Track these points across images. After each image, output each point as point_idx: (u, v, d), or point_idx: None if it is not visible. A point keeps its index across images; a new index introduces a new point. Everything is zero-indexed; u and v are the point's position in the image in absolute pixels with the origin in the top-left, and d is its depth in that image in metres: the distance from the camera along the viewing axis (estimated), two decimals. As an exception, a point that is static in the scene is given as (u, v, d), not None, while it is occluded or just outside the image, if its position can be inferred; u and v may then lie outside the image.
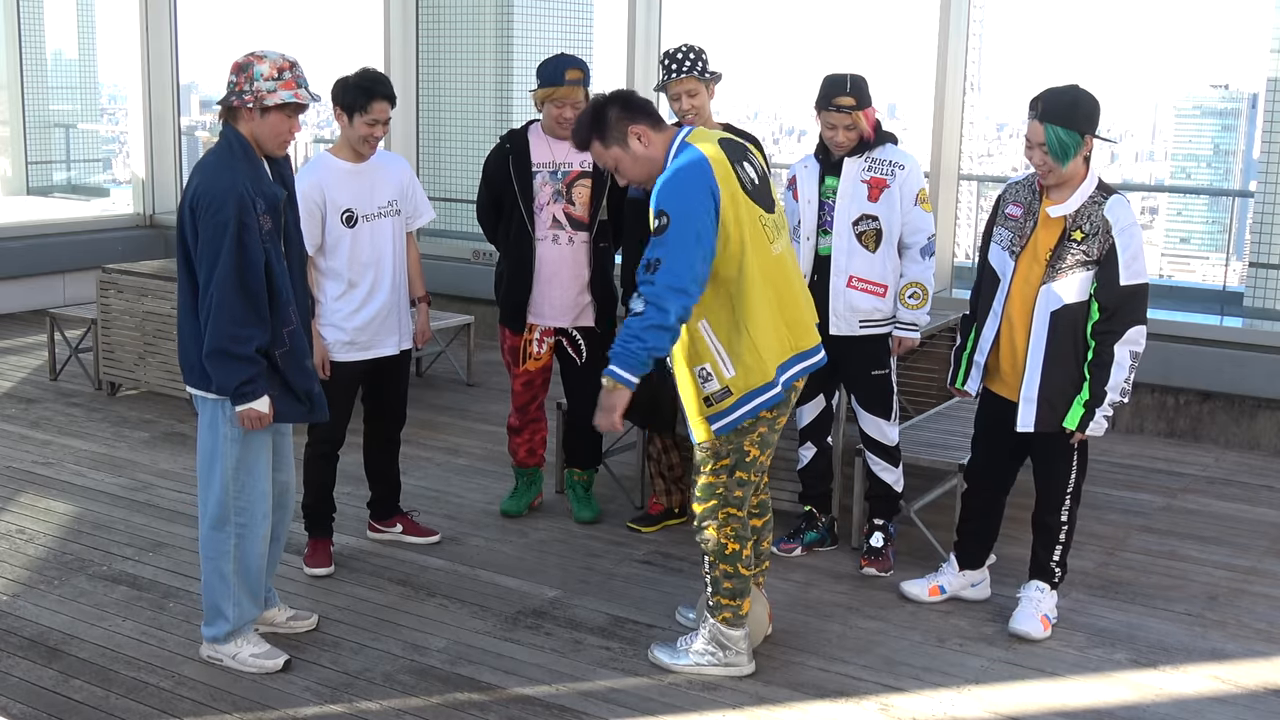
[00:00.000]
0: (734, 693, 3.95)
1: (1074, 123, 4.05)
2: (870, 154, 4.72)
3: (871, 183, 4.69)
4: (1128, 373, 4.10)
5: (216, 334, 3.74)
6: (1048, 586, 4.41)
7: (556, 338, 5.24)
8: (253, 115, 3.78)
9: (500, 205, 5.19)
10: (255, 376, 3.78)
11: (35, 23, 12.12)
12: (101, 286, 7.37)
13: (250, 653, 4.04)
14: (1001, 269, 4.28)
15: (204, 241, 3.73)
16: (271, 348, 3.83)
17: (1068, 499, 4.32)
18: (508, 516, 5.46)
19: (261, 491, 3.99)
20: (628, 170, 3.92)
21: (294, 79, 3.78)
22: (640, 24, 8.36)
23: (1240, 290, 7.73)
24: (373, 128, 4.63)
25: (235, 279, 3.71)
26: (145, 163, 10.53)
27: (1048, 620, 4.38)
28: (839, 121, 4.65)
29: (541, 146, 5.13)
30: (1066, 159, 4.06)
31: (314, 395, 4.00)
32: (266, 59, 3.77)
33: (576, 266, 5.15)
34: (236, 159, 3.78)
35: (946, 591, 4.63)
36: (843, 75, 4.66)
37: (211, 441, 3.94)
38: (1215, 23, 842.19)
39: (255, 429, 3.86)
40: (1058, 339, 4.14)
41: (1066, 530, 4.36)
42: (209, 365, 3.78)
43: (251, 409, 3.81)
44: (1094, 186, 4.13)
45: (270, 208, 3.80)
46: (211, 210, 3.71)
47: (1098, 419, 4.12)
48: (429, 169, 9.71)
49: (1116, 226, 4.06)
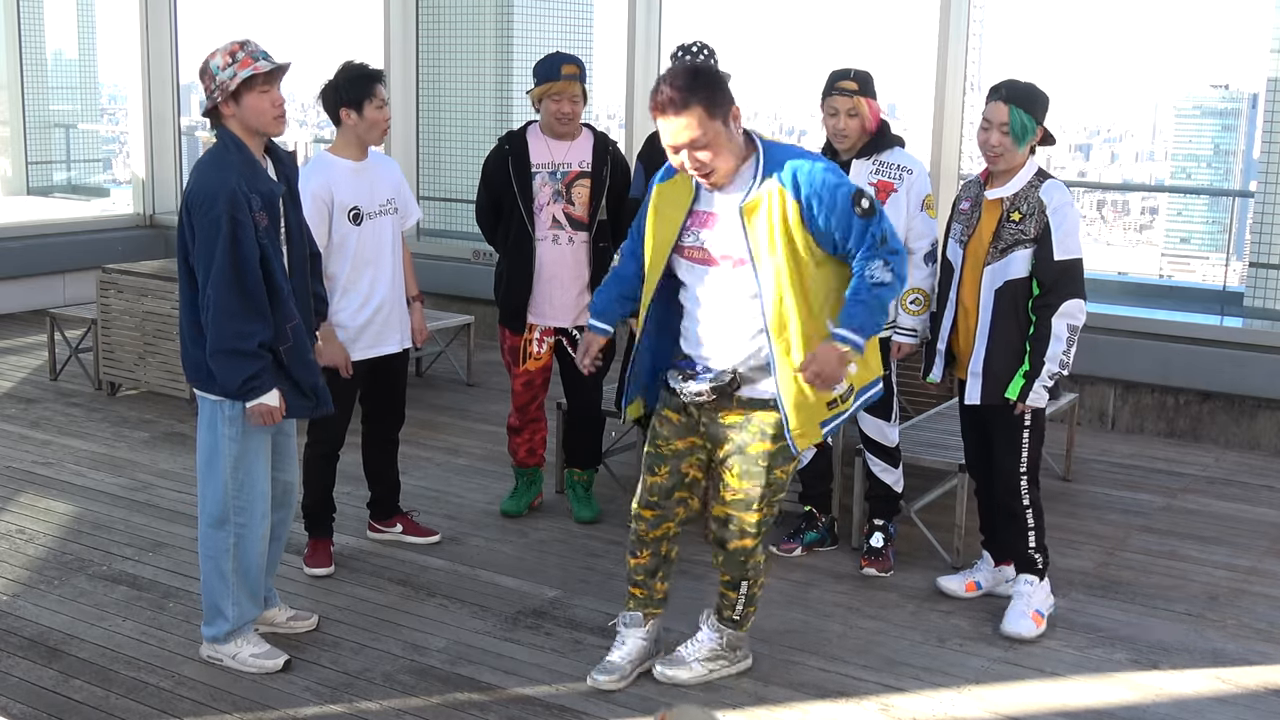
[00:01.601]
0: (734, 693, 3.95)
1: (1034, 110, 4.24)
2: (878, 156, 4.72)
3: (878, 186, 4.69)
4: (1065, 345, 4.23)
5: (219, 333, 3.74)
6: (1035, 578, 4.42)
7: (556, 337, 5.24)
8: (230, 107, 3.80)
9: (500, 206, 5.19)
10: (260, 371, 3.79)
11: (35, 23, 12.12)
12: (101, 286, 7.37)
13: (250, 653, 4.04)
14: (954, 259, 4.45)
15: (199, 240, 3.75)
16: (275, 343, 3.83)
17: (1023, 480, 4.39)
18: (508, 516, 5.46)
19: (261, 491, 3.99)
20: (717, 153, 3.56)
21: (248, 55, 3.79)
22: (640, 24, 8.36)
23: (1240, 290, 7.72)
24: (382, 111, 4.68)
25: (231, 275, 3.72)
26: (145, 163, 10.53)
27: (1040, 616, 4.39)
28: (841, 105, 4.68)
29: (540, 147, 5.13)
30: (1023, 142, 4.23)
31: (318, 389, 4.00)
32: (217, 52, 3.82)
33: (577, 266, 5.16)
34: (230, 157, 3.80)
35: (983, 587, 4.66)
36: (848, 66, 4.77)
37: (211, 440, 3.94)
38: (1215, 23, 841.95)
39: (268, 424, 3.86)
40: (1001, 315, 4.30)
41: (1033, 514, 4.40)
42: (214, 365, 3.79)
43: (261, 404, 3.81)
44: (1033, 173, 4.30)
45: (267, 204, 3.81)
46: (205, 208, 3.73)
47: (1037, 389, 4.25)
48: (429, 169, 9.70)
49: (1050, 206, 4.23)
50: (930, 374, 4.58)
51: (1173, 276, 42.81)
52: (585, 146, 5.17)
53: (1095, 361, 6.88)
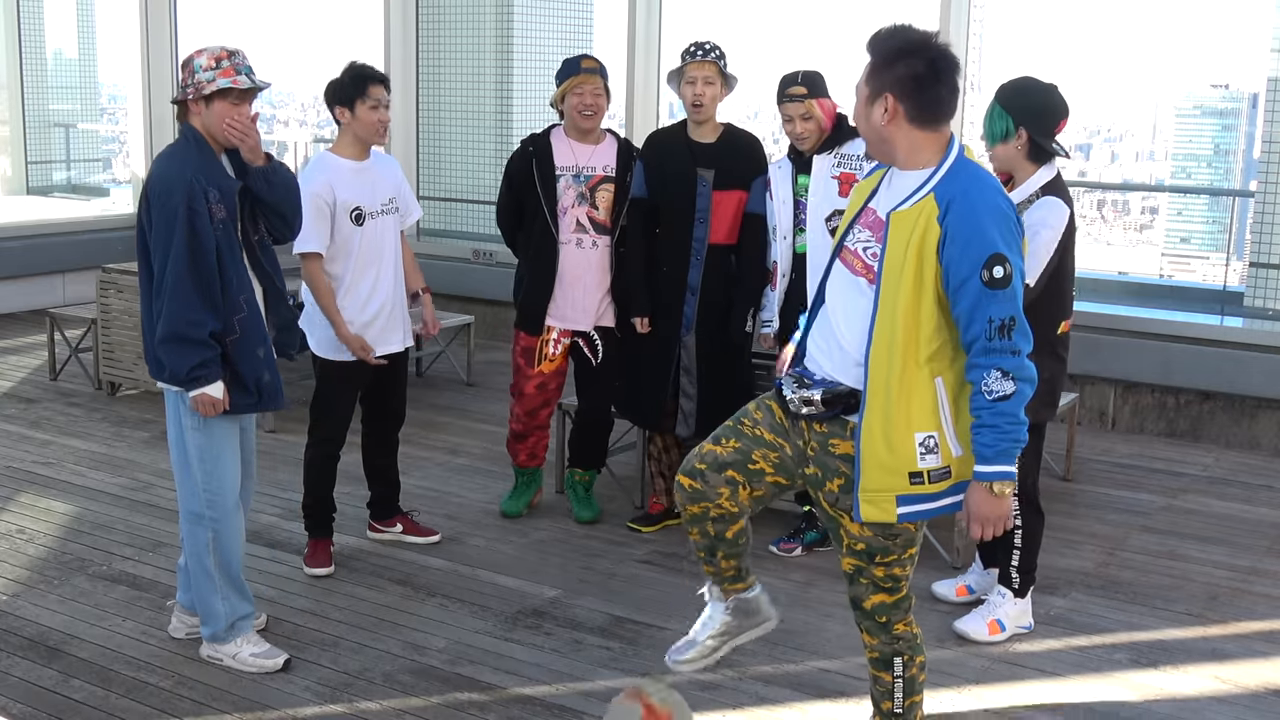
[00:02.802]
0: (734, 693, 3.95)
1: (1012, 107, 4.11)
2: (839, 150, 4.74)
3: (841, 178, 4.70)
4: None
5: (170, 318, 3.75)
6: (1009, 593, 4.40)
7: (573, 339, 5.23)
8: (199, 107, 3.83)
9: (522, 208, 5.17)
10: (209, 360, 3.78)
11: (35, 23, 12.13)
12: (101, 286, 7.37)
13: (250, 652, 4.04)
14: None
15: (156, 229, 3.78)
16: (222, 335, 3.84)
17: (1014, 500, 4.31)
18: (508, 517, 5.46)
19: (230, 483, 3.98)
20: (870, 135, 3.09)
21: (232, 66, 3.81)
22: (640, 24, 8.35)
23: (1240, 290, 7.73)
24: (376, 111, 4.66)
25: (187, 264, 3.73)
26: (145, 163, 10.52)
27: (997, 626, 4.36)
28: (794, 111, 4.73)
29: (564, 150, 5.11)
30: (994, 139, 4.13)
31: (263, 385, 3.97)
32: (206, 51, 3.83)
33: (601, 271, 5.14)
34: (190, 150, 3.83)
35: (975, 591, 4.65)
36: (795, 70, 4.77)
37: (176, 434, 3.96)
38: (1215, 23, 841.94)
39: (210, 415, 3.86)
40: None
41: (1022, 536, 4.35)
42: (161, 351, 3.79)
43: (205, 394, 3.81)
44: (1037, 187, 4.12)
45: (224, 197, 3.82)
46: (163, 198, 3.76)
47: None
48: (429, 169, 9.71)
49: (1027, 224, 3.90)
50: None
51: (1173, 276, 42.84)
52: (609, 151, 5.14)
53: (1095, 361, 6.88)
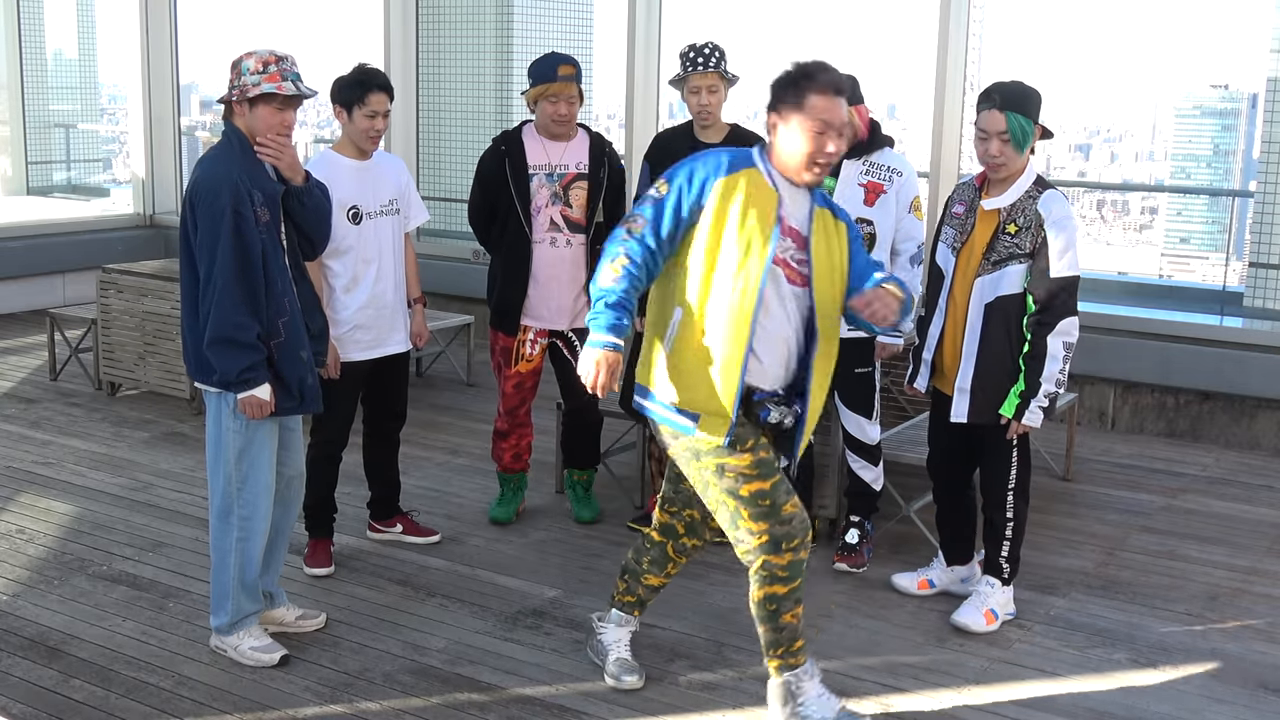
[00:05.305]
0: (734, 693, 3.95)
1: (1029, 111, 4.14)
2: (869, 157, 4.71)
3: (868, 187, 4.68)
4: (1062, 364, 4.16)
5: (219, 321, 3.77)
6: (998, 582, 4.42)
7: (550, 340, 5.22)
8: (243, 109, 3.85)
9: (495, 207, 5.14)
10: (257, 363, 3.82)
11: (35, 23, 12.12)
12: (101, 286, 7.37)
13: (250, 645, 4.07)
14: (945, 266, 4.37)
15: (202, 232, 3.79)
16: (267, 338, 3.86)
17: (1010, 495, 4.35)
18: (497, 524, 5.42)
19: (264, 485, 4.00)
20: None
21: (279, 72, 3.82)
22: (640, 24, 8.35)
23: (1240, 290, 7.73)
24: (373, 120, 4.64)
25: (236, 266, 3.76)
26: (145, 163, 10.53)
27: (992, 615, 4.38)
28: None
29: (536, 148, 5.09)
30: (1024, 147, 4.14)
31: (306, 387, 4.01)
32: (255, 54, 3.85)
33: (575, 269, 5.12)
34: (234, 153, 3.85)
35: (936, 586, 4.65)
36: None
37: (216, 434, 3.98)
38: (1215, 23, 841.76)
39: (257, 417, 3.88)
40: (991, 331, 4.21)
41: (1013, 527, 4.37)
42: (211, 353, 3.82)
43: (253, 396, 3.83)
44: (1031, 181, 4.20)
45: (268, 201, 3.85)
46: (208, 200, 3.77)
47: (1033, 409, 4.18)
48: (429, 169, 9.71)
49: (1049, 219, 4.12)
50: (915, 382, 4.51)
51: (1172, 276, 42.84)
52: (581, 148, 5.13)
53: (1095, 361, 6.88)
